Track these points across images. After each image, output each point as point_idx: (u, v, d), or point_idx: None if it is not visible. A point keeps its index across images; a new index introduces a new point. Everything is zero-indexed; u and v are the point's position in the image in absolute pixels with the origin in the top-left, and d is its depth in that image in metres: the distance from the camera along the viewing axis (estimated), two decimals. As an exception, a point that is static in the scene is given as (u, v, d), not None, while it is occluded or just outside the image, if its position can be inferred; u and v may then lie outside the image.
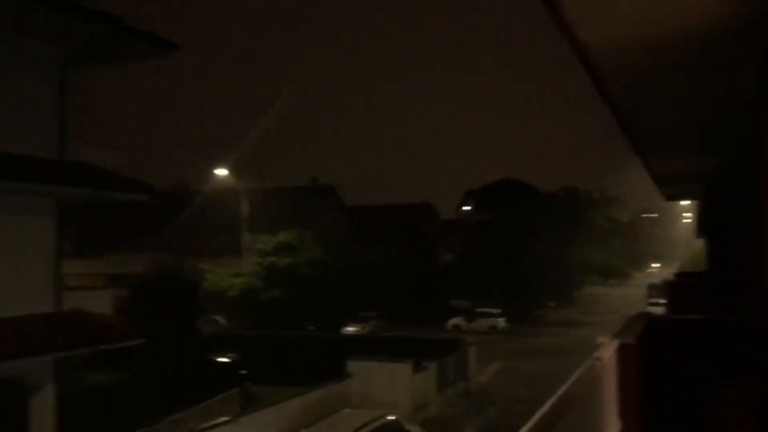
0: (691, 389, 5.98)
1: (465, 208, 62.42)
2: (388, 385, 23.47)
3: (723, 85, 5.95)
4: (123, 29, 16.57)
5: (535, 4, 3.83)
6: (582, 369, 3.85)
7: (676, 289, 14.60)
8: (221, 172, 47.85)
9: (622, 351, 4.97)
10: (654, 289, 53.86)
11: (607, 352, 4.54)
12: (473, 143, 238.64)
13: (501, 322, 46.44)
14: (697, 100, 6.57)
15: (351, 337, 35.85)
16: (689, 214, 71.61)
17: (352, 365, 24.26)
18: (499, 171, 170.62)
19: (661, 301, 46.36)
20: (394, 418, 18.96)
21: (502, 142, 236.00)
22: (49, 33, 15.91)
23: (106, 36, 16.47)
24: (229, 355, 27.68)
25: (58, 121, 16.54)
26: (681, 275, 18.19)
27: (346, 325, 41.20)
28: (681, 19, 4.31)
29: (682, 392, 6.11)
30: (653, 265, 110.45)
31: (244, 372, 26.21)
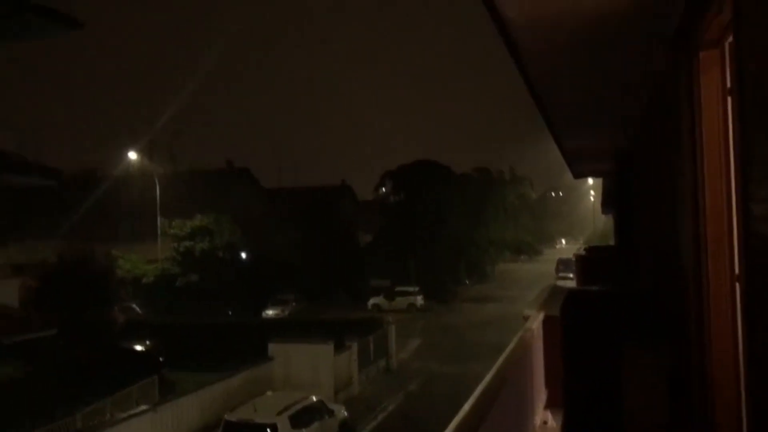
0: (610, 358, 6.31)
1: (382, 189, 62.83)
2: (311, 366, 23.53)
3: (637, 62, 6.24)
4: (23, 3, 15.69)
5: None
6: (515, 341, 4.02)
7: (586, 262, 15.22)
8: (132, 155, 46.20)
9: (548, 323, 5.19)
10: (563, 264, 56.14)
11: (536, 323, 4.74)
12: (391, 125, 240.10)
13: (419, 299, 47.28)
14: (611, 76, 6.85)
15: (271, 321, 35.50)
16: (593, 192, 74.90)
17: (274, 348, 24.14)
18: (416, 152, 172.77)
19: (570, 275, 48.43)
20: (317, 398, 19.07)
21: (419, 123, 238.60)
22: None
23: (4, 10, 15.55)
24: (145, 342, 26.93)
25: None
26: (590, 249, 18.91)
27: (266, 308, 40.83)
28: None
29: (602, 361, 6.44)
30: (561, 241, 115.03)
31: (161, 359, 25.59)
